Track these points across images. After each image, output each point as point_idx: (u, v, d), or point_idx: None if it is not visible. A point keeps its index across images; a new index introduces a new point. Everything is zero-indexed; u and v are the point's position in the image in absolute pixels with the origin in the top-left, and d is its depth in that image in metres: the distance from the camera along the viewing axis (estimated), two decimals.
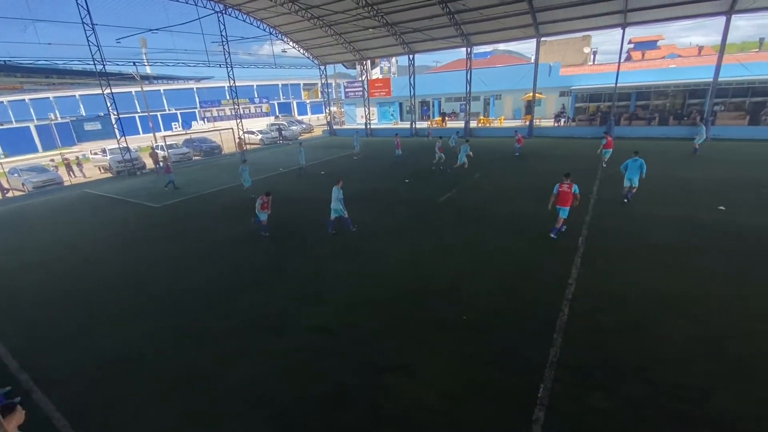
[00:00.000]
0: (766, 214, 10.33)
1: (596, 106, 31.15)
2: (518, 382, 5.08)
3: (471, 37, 28.39)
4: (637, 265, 7.99)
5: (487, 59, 50.37)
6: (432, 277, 8.08)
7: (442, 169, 18.47)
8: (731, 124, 23.66)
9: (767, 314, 6.12)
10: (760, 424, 4.26)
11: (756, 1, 19.54)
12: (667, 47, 48.98)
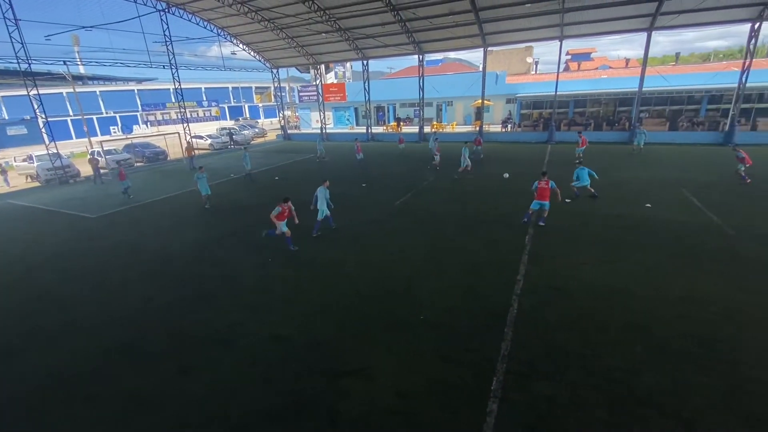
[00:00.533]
0: (685, 210, 11.58)
1: (539, 113, 33.26)
2: (473, 376, 5.28)
3: (422, 45, 29.20)
4: (578, 260, 8.61)
5: (439, 67, 52.05)
6: (388, 279, 8.18)
7: (438, 170, 18.97)
8: (654, 129, 26.25)
9: (687, 300, 6.86)
10: (682, 399, 4.76)
11: (672, 20, 21.95)
12: (599, 59, 53.40)
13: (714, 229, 10.04)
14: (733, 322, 6.17)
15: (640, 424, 4.42)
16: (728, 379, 4.99)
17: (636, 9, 21.64)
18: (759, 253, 8.48)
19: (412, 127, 37.41)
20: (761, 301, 6.69)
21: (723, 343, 5.70)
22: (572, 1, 21.51)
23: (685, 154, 20.52)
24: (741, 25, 21.87)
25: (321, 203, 10.56)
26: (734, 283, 7.32)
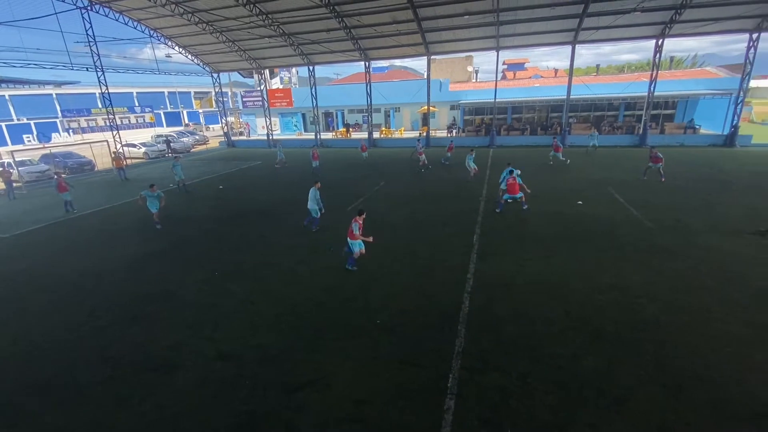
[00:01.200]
0: (611, 206, 12.77)
1: (481, 119, 35.03)
2: (430, 376, 5.37)
3: (368, 52, 29.55)
4: (522, 256, 9.14)
5: (385, 73, 52.96)
6: (342, 286, 8.11)
7: (423, 171, 19.69)
8: (581, 133, 28.73)
9: (615, 288, 7.54)
10: (616, 379, 5.20)
11: (591, 35, 24.28)
12: (532, 69, 57.46)
13: (635, 222, 11.17)
14: (655, 304, 6.89)
15: (583, 405, 4.76)
16: (655, 357, 5.55)
17: (561, 24, 23.69)
18: (673, 243, 9.57)
19: (362, 132, 37.60)
20: (677, 285, 7.54)
21: (649, 324, 6.34)
22: (506, 15, 23.02)
23: (608, 155, 22.65)
24: (648, 41, 24.76)
25: (311, 203, 11.19)
26: (654, 270, 8.19)
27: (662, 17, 22.34)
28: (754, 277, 7.67)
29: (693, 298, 7.07)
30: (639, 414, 4.59)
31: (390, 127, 39.33)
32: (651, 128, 26.66)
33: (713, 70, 33.10)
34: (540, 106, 33.38)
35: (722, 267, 8.20)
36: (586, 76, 39.03)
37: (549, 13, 22.31)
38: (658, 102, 28.56)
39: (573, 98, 27.53)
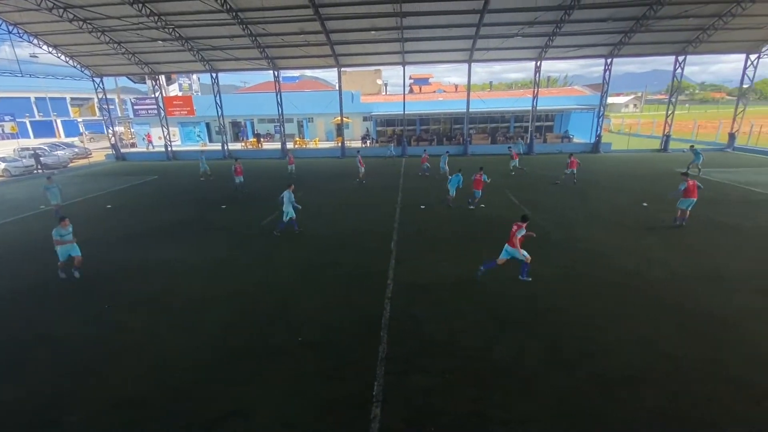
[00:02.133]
0: (509, 208, 14.27)
1: (392, 130, 36.50)
2: (356, 387, 5.37)
3: (277, 61, 28.83)
4: (436, 258, 9.72)
5: (296, 83, 52.18)
6: (260, 305, 7.70)
7: (364, 182, 19.23)
8: (480, 143, 31.77)
9: (516, 280, 8.43)
10: (522, 363, 5.81)
11: (484, 55, 27.09)
12: (435, 84, 61.85)
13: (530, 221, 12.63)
14: (549, 292, 7.88)
15: (497, 391, 5.21)
16: (552, 340, 6.33)
17: (458, 44, 26.03)
18: (563, 237, 11.07)
19: (274, 143, 36.35)
20: (566, 273, 8.74)
21: (546, 311, 7.22)
22: (409, 32, 24.50)
23: (504, 162, 25.33)
24: (529, 62, 28.48)
25: (286, 206, 11.29)
26: (548, 261, 9.36)
27: (539, 42, 25.93)
28: (623, 262, 9.25)
29: (578, 284, 8.25)
30: (542, 392, 5.18)
31: (304, 137, 38.72)
32: (536, 138, 30.63)
33: (580, 89, 39.38)
34: (444, 118, 36.05)
35: (600, 255, 9.72)
36: (482, 92, 43.29)
37: (447, 33, 24.34)
38: (540, 115, 32.92)
39: (472, 111, 30.29)
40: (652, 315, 6.96)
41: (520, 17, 22.61)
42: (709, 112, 73.67)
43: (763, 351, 5.88)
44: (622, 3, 21.35)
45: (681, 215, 11.66)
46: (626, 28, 24.00)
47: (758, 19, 22.96)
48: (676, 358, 5.77)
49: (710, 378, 5.34)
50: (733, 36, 24.98)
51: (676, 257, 9.46)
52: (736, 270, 8.69)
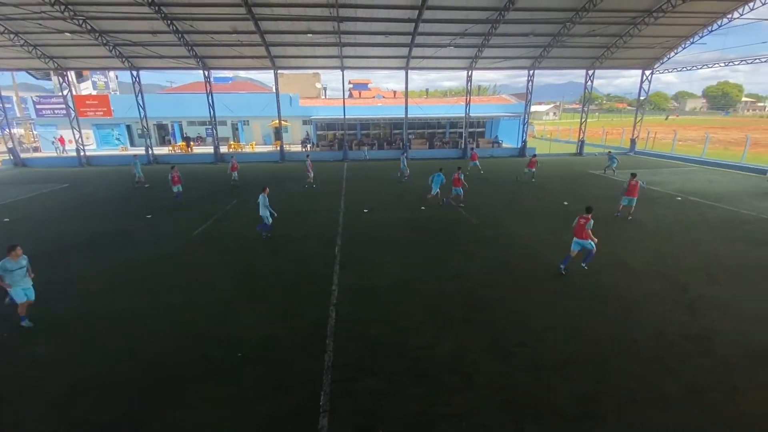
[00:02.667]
0: (446, 209, 14.86)
1: (333, 134, 36.28)
2: (301, 398, 5.20)
3: (207, 61, 27.23)
4: (380, 260, 9.79)
5: (229, 84, 49.61)
6: (194, 321, 7.15)
7: (315, 186, 18.75)
8: (419, 148, 32.79)
9: (457, 277, 8.78)
10: (465, 358, 6.05)
11: (419, 63, 28.05)
12: (375, 89, 62.62)
13: (465, 221, 13.30)
14: (487, 287, 8.32)
15: (442, 387, 5.36)
16: (491, 333, 6.68)
17: (395, 51, 26.69)
18: (492, 235, 11.76)
19: (206, 147, 34.21)
20: (500, 268, 9.28)
21: (484, 304, 7.60)
22: (347, 38, 24.59)
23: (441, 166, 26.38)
24: (461, 71, 30.03)
25: (262, 210, 11.22)
26: (481, 256, 9.89)
27: (470, 53, 27.48)
28: (549, 256, 10.06)
29: (511, 278, 8.82)
30: (483, 383, 5.44)
31: (239, 141, 36.95)
32: (470, 143, 32.37)
33: (507, 97, 42.42)
34: (384, 123, 36.65)
35: (529, 250, 10.49)
36: (419, 98, 44.76)
37: (384, 40, 24.83)
38: (473, 122, 34.87)
39: (410, 117, 31.17)
40: (576, 303, 7.66)
41: (452, 28, 23.79)
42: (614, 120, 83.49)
43: (666, 329, 6.74)
44: (541, 20, 23.44)
45: (620, 209, 13.43)
46: (545, 43, 26.39)
47: (651, 40, 26.59)
48: (599, 341, 6.40)
49: (627, 356, 6.00)
50: (632, 54, 28.68)
51: None
52: (639, 259, 9.90)
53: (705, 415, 4.85)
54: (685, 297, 7.90)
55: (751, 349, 6.13)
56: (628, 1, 22.14)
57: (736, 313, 7.24)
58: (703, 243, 11.04)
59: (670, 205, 15.45)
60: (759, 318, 7.05)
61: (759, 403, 5.04)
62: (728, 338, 6.44)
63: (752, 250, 10.47)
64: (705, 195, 17.06)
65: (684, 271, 9.16)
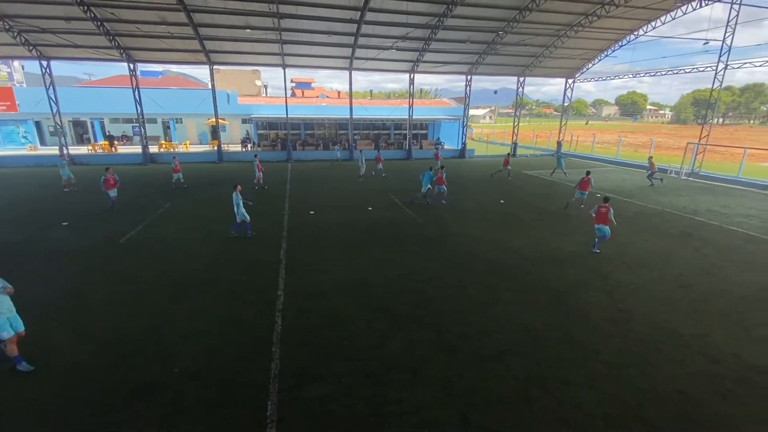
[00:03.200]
0: (393, 209, 15.08)
1: (276, 134, 35.10)
2: (246, 411, 4.96)
3: (132, 53, 24.97)
4: (327, 263, 9.65)
5: (159, 79, 45.97)
6: (123, 337, 6.51)
7: (266, 188, 17.83)
8: (364, 148, 32.83)
9: (405, 276, 8.94)
10: (412, 354, 6.16)
11: (363, 64, 28.15)
12: (318, 89, 61.75)
13: (411, 221, 13.60)
14: (432, 284, 8.56)
15: (391, 386, 5.41)
16: (436, 327, 6.88)
17: (338, 51, 26.53)
18: (436, 233, 12.14)
19: (133, 146, 31.36)
20: (444, 266, 9.60)
21: (429, 301, 7.81)
22: (288, 35, 23.94)
23: (387, 167, 26.71)
24: (404, 74, 30.64)
25: (237, 209, 11.11)
26: (427, 255, 10.17)
27: (411, 57, 28.14)
28: (489, 253, 10.61)
29: (454, 275, 9.17)
30: (429, 378, 5.59)
31: (171, 140, 34.36)
32: (414, 144, 33.16)
33: (448, 101, 44.08)
34: (329, 123, 36.24)
35: (470, 248, 10.97)
36: (363, 99, 44.92)
37: (327, 39, 24.56)
38: (416, 124, 35.77)
39: (355, 118, 31.18)
40: (513, 295, 8.16)
41: (394, 31, 24.19)
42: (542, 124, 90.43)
43: (591, 314, 7.43)
44: (477, 28, 24.70)
45: (574, 201, 15.27)
46: (481, 50, 27.85)
47: (572, 51, 29.18)
48: (534, 329, 6.88)
49: (559, 342, 6.52)
50: (556, 63, 31.26)
51: (527, 245, 11.30)
52: (567, 251, 10.81)
53: (625, 388, 5.43)
54: (606, 284, 8.77)
55: (660, 328, 6.97)
56: (552, 16, 24.13)
57: (646, 296, 8.19)
58: (620, 235, 12.33)
59: (592, 202, 17.07)
60: (665, 301, 8.05)
61: (669, 375, 5.74)
62: (641, 319, 7.26)
63: (659, 240, 11.92)
64: (620, 192, 19.09)
65: (605, 260, 10.17)
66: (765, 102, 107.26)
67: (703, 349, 6.35)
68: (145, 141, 27.14)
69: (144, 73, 42.75)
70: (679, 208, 16.04)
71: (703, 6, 21.86)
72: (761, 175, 23.02)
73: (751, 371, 5.83)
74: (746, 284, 8.87)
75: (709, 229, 13.15)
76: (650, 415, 4.95)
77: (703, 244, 11.54)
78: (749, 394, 5.37)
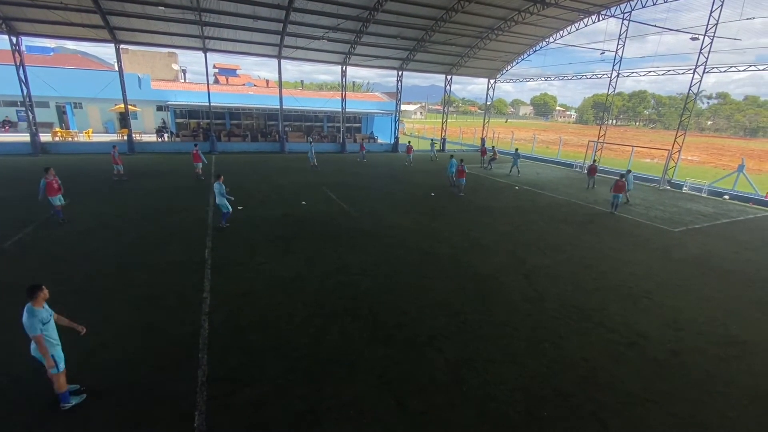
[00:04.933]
0: (327, 202, 14.89)
1: (197, 123, 32.43)
2: (169, 425, 4.58)
3: (15, 24, 21.13)
4: (257, 261, 9.24)
5: (51, 57, 39.60)
6: (10, 352, 5.57)
7: (203, 179, 13.41)
8: (296, 141, 31.93)
9: (340, 270, 8.90)
10: (347, 347, 6.19)
11: (292, 53, 27.15)
12: (244, 76, 58.28)
13: (345, 213, 13.55)
14: (367, 276, 8.64)
15: (327, 382, 5.38)
16: (372, 318, 6.97)
17: (265, 38, 25.23)
18: (371, 226, 12.27)
19: (18, 134, 26.74)
20: (379, 259, 9.73)
21: (365, 293, 7.88)
22: (209, 16, 22.15)
23: (321, 160, 26.22)
24: (336, 66, 30.18)
25: (219, 199, 10.96)
26: (360, 250, 10.24)
27: (343, 48, 27.81)
28: (421, 243, 10.99)
29: (389, 266, 9.35)
30: (366, 369, 5.67)
31: (69, 127, 29.97)
32: (348, 137, 32.97)
33: (380, 95, 44.48)
34: (257, 113, 34.43)
35: (403, 239, 11.27)
36: (294, 90, 43.39)
37: (252, 24, 23.18)
38: (349, 117, 35.55)
39: (286, 109, 30.01)
40: (444, 283, 8.59)
41: (324, 21, 23.65)
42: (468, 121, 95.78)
43: (512, 295, 8.11)
44: (407, 25, 25.19)
45: (617, 204, 16.65)
46: (411, 46, 28.48)
47: (494, 53, 31.23)
48: (463, 313, 7.32)
49: (484, 323, 7.01)
50: (480, 64, 33.21)
51: (455, 234, 11.95)
52: (489, 239, 11.65)
53: (540, 360, 6.04)
54: (524, 268, 9.63)
55: (569, 305, 7.86)
56: (475, 18, 25.52)
57: (558, 278, 9.17)
58: (535, 223, 13.60)
59: (511, 193, 18.58)
60: (571, 281, 9.08)
61: (575, 346, 6.50)
62: (554, 298, 8.12)
63: (567, 227, 13.37)
64: (534, 184, 21.02)
65: (522, 246, 11.14)
66: (647, 107, 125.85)
67: (602, 321, 7.31)
68: (34, 128, 23.23)
69: (31, 49, 36.60)
70: (583, 198, 18.16)
71: (600, 20, 24.78)
72: (645, 169, 27.01)
73: (638, 337, 6.86)
74: (634, 262, 10.38)
75: (605, 216, 15.09)
76: (561, 383, 5.58)
77: (601, 230, 13.22)
78: (637, 356, 6.32)
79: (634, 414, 5.10)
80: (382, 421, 4.78)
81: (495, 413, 4.98)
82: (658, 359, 6.27)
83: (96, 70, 34.69)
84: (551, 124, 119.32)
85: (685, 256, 11.06)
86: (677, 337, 6.93)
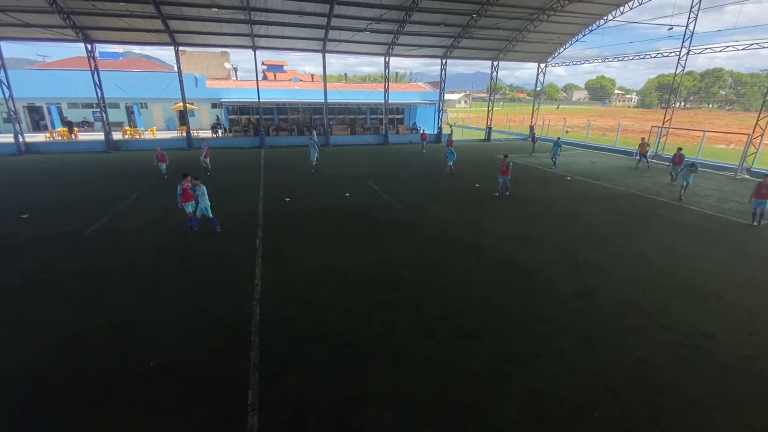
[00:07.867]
0: (371, 195, 15.05)
1: (248, 118, 34.04)
2: (226, 401, 4.94)
3: (89, 32, 23.36)
4: (305, 251, 9.60)
5: (120, 61, 43.31)
6: (93, 332, 6.30)
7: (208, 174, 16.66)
8: (340, 134, 32.47)
9: (382, 263, 9.01)
10: (391, 337, 6.29)
11: (336, 47, 27.51)
12: (291, 72, 59.95)
13: (388, 205, 13.65)
14: (409, 268, 8.68)
15: (371, 369, 5.52)
16: (414, 311, 7.02)
17: (311, 33, 25.76)
18: (414, 218, 12.25)
19: (95, 133, 29.68)
20: (420, 250, 9.73)
21: (407, 287, 7.94)
22: (258, 15, 23.00)
23: (364, 152, 26.57)
24: (379, 57, 30.14)
25: (206, 201, 10.53)
26: (403, 242, 10.28)
27: (386, 39, 27.69)
28: (464, 235, 10.82)
29: (432, 258, 9.32)
30: (409, 358, 5.73)
31: (136, 126, 32.74)
32: (390, 129, 32.98)
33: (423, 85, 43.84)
34: (303, 108, 35.43)
35: (446, 231, 11.15)
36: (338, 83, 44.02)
37: (298, 20, 23.76)
38: (392, 108, 35.49)
39: (330, 102, 30.56)
40: (486, 275, 8.41)
41: (367, 12, 23.65)
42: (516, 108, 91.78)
43: (561, 290, 7.77)
44: (451, 11, 24.51)
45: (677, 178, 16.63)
46: (455, 33, 27.70)
47: (544, 36, 29.52)
48: (506, 307, 7.14)
49: (529, 317, 6.80)
50: (529, 48, 31.56)
51: (499, 226, 11.60)
52: (536, 231, 11.18)
53: (591, 358, 5.76)
54: (575, 261, 9.16)
55: (623, 302, 7.38)
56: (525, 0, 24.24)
57: (611, 272, 8.63)
58: (587, 215, 12.84)
59: (562, 184, 17.63)
60: (627, 276, 8.50)
61: (632, 346, 6.11)
62: (607, 294, 7.66)
63: (624, 219, 12.49)
64: (588, 174, 19.77)
65: (573, 240, 10.58)
66: (723, 86, 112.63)
67: (661, 320, 6.79)
68: (107, 127, 25.71)
69: (103, 54, 40.21)
70: (643, 189, 16.82)
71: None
72: (717, 157, 24.38)
73: (704, 339, 6.30)
74: (703, 258, 9.48)
75: (670, 208, 13.88)
76: (613, 383, 5.28)
77: (665, 223, 12.19)
78: (703, 360, 5.81)
79: (697, 421, 4.72)
80: (423, 410, 4.82)
81: (540, 411, 4.84)
82: (728, 364, 5.72)
83: (158, 72, 37.47)
84: (608, 109, 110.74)
85: (765, 254, 9.92)
86: (751, 342, 6.27)
